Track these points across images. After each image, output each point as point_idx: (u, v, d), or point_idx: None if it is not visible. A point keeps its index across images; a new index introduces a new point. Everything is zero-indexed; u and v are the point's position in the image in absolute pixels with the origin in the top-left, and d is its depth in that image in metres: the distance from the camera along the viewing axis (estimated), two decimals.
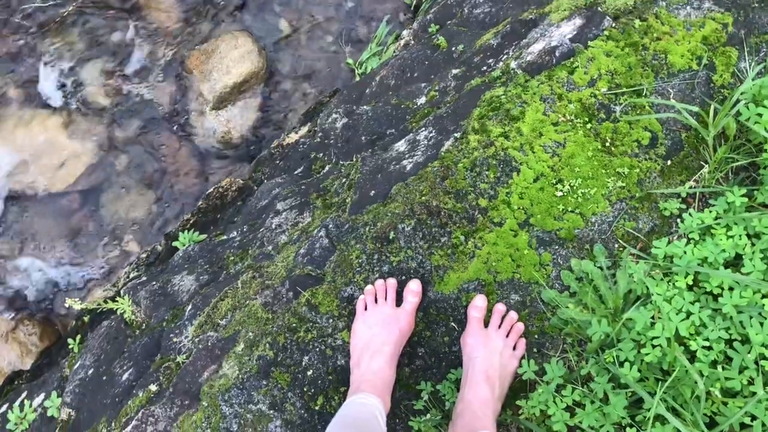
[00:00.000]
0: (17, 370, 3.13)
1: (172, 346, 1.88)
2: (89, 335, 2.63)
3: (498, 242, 1.73)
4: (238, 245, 2.29)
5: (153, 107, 3.49)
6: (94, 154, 3.42)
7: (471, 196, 1.77)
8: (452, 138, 1.89)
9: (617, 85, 1.84)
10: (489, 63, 2.20)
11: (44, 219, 3.38)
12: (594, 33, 1.91)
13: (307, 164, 2.74)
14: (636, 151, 1.80)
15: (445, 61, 2.46)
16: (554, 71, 1.89)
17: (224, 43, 3.47)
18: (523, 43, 2.13)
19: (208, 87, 3.40)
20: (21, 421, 2.33)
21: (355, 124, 2.54)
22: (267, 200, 2.57)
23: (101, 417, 1.93)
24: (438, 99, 2.25)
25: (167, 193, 3.46)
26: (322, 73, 3.59)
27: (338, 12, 3.61)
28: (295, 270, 1.84)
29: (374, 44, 3.44)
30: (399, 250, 1.75)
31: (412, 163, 1.91)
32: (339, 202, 2.05)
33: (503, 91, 1.92)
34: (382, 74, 2.71)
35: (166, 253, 3.15)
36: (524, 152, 1.80)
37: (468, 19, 2.61)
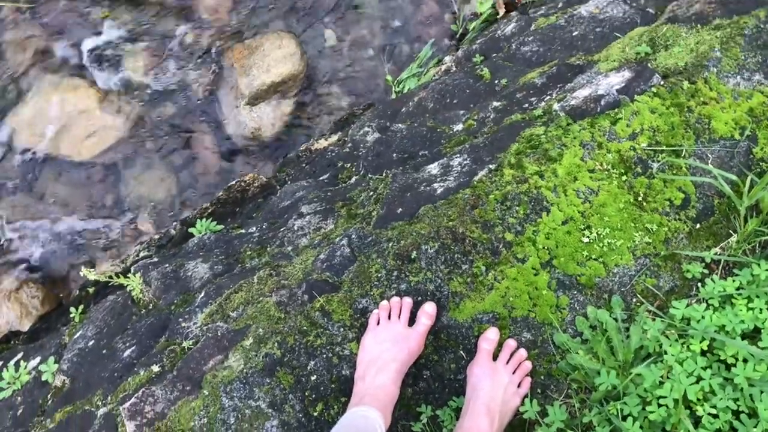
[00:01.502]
0: (14, 330, 3.14)
1: (180, 331, 1.89)
2: (93, 307, 2.64)
3: (518, 278, 1.74)
4: (256, 241, 2.30)
5: (189, 93, 3.52)
6: (124, 130, 3.45)
7: (498, 228, 1.78)
8: (487, 169, 1.90)
9: (657, 143, 1.86)
10: (531, 101, 2.22)
11: (64, 185, 3.41)
12: (641, 88, 1.93)
13: (334, 172, 2.76)
14: (667, 210, 1.81)
15: (486, 92, 2.49)
16: (597, 119, 1.90)
17: (269, 42, 3.51)
18: (568, 87, 2.15)
19: (246, 82, 3.44)
20: (15, 381, 2.33)
21: (387, 140, 2.56)
22: (290, 201, 2.58)
23: (97, 389, 1.93)
24: (475, 128, 2.27)
25: (188, 179, 3.48)
26: (358, 85, 3.62)
27: (384, 29, 3.65)
28: (313, 274, 1.85)
29: (415, 65, 3.48)
30: (419, 270, 1.75)
31: (443, 187, 1.92)
32: (364, 214, 2.06)
33: (544, 130, 1.94)
34: (421, 96, 2.73)
35: (179, 238, 3.17)
36: (557, 194, 1.81)
37: (514, 55, 2.63)
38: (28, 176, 3.40)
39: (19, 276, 3.32)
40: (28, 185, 3.39)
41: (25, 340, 2.99)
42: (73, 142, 3.42)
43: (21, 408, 2.22)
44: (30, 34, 3.50)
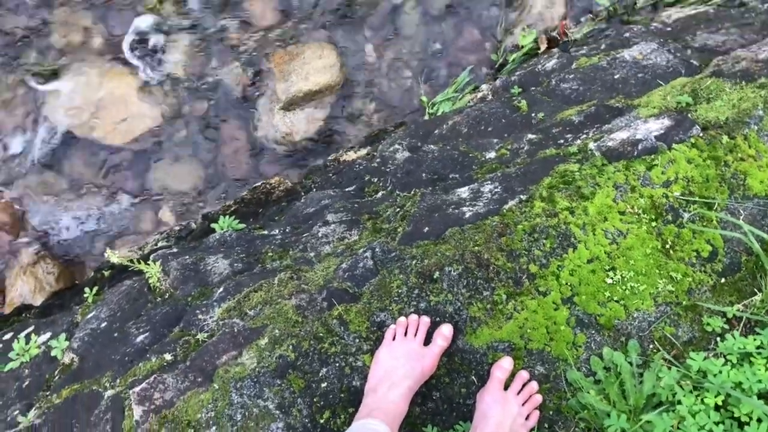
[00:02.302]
0: (27, 303, 3.16)
1: (196, 323, 1.90)
2: (107, 290, 2.66)
3: (538, 311, 1.74)
4: (278, 243, 2.32)
5: (226, 91, 3.56)
6: (158, 120, 3.49)
7: (523, 259, 1.78)
8: (517, 198, 1.91)
9: (691, 193, 1.86)
10: (567, 138, 2.23)
11: (91, 166, 3.45)
12: (680, 137, 1.94)
13: (360, 185, 2.78)
14: (693, 261, 1.81)
15: (522, 124, 2.50)
16: (633, 163, 1.91)
17: (310, 50, 3.55)
18: (606, 128, 2.16)
19: (283, 87, 3.48)
20: (24, 353, 2.35)
21: (418, 159, 2.58)
22: (315, 208, 2.60)
23: (106, 370, 1.94)
24: (508, 158, 2.28)
25: (215, 175, 3.51)
26: (392, 103, 3.65)
27: (424, 51, 3.68)
28: (334, 282, 1.86)
29: (451, 89, 3.50)
30: (440, 291, 1.76)
31: (471, 212, 1.93)
32: (389, 229, 2.07)
33: (578, 168, 1.95)
34: (456, 120, 2.75)
35: (199, 232, 3.19)
36: (585, 231, 1.81)
37: (553, 91, 2.65)
38: (58, 153, 3.44)
39: (37, 251, 3.35)
40: (56, 162, 3.44)
41: (36, 314, 3.01)
42: (106, 126, 3.47)
43: (27, 380, 2.23)
44: (78, 16, 3.56)
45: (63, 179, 3.44)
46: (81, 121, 3.45)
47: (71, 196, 3.43)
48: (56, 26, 3.54)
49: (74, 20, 3.55)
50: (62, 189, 3.43)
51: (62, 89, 3.49)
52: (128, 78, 3.52)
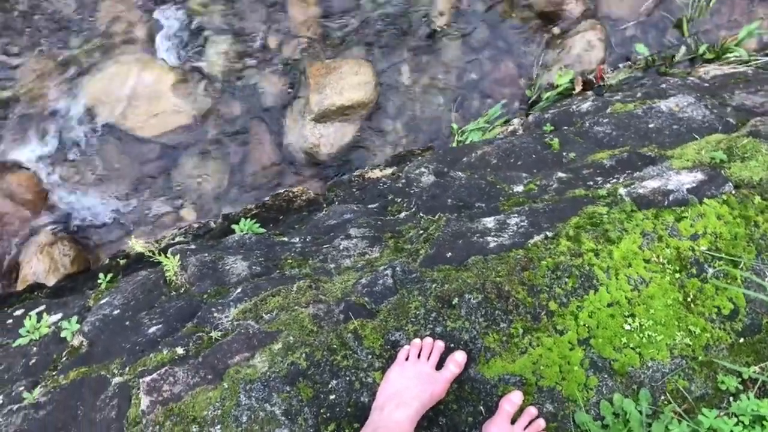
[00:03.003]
0: (39, 282, 3.18)
1: (211, 320, 1.91)
2: (122, 278, 2.68)
3: (553, 349, 1.73)
4: (298, 251, 2.33)
5: (260, 96, 3.60)
6: (189, 117, 3.53)
7: (544, 295, 1.78)
8: (543, 234, 1.91)
9: (717, 249, 1.86)
10: (597, 180, 2.23)
11: (120, 155, 3.49)
12: (711, 192, 1.94)
13: (383, 203, 2.79)
14: (713, 317, 1.80)
15: (553, 161, 2.51)
16: (662, 212, 1.91)
17: (348, 66, 3.59)
18: (637, 175, 2.17)
19: (317, 99, 3.51)
20: (34, 330, 2.36)
21: (444, 184, 2.59)
22: (337, 221, 2.61)
23: (116, 357, 1.95)
24: (536, 193, 2.29)
25: (239, 178, 3.54)
26: (422, 126, 3.68)
27: (459, 79, 3.71)
28: (352, 296, 1.86)
29: (482, 120, 3.52)
30: (457, 317, 1.76)
31: (496, 243, 1.93)
32: (411, 250, 2.07)
33: (607, 211, 1.95)
34: (486, 150, 2.77)
35: (218, 232, 3.21)
36: (608, 275, 1.81)
37: (586, 133, 2.66)
38: (88, 138, 3.48)
39: (55, 231, 3.38)
40: (85, 147, 3.48)
41: (48, 294, 3.03)
42: (139, 118, 3.51)
43: (35, 358, 2.24)
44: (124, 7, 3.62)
45: (89, 164, 3.47)
46: (115, 110, 3.50)
47: (96, 181, 3.46)
48: (102, 15, 3.60)
49: (120, 11, 3.61)
50: (87, 174, 3.47)
51: (101, 77, 3.54)
52: (166, 73, 3.57)
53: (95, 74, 3.54)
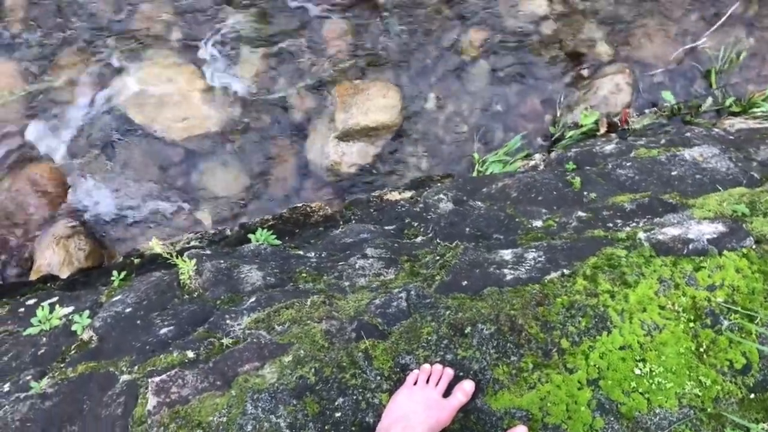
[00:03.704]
0: (52, 274, 3.21)
1: (223, 327, 1.92)
2: (136, 278, 2.70)
3: (561, 386, 1.73)
4: (314, 266, 2.34)
5: (287, 110, 3.64)
6: (216, 124, 3.57)
7: (556, 332, 1.78)
8: (560, 272, 1.92)
9: (734, 302, 1.85)
10: (617, 222, 2.24)
11: (143, 155, 3.53)
12: (732, 245, 1.94)
13: (400, 226, 2.81)
14: (725, 370, 1.79)
15: (573, 200, 2.52)
16: (681, 260, 1.91)
17: (375, 88, 3.63)
18: (657, 221, 2.17)
19: (342, 117, 3.54)
20: (46, 321, 2.38)
21: (463, 213, 2.60)
22: (353, 239, 2.63)
23: (125, 355, 1.96)
24: (554, 230, 2.30)
25: (258, 188, 3.57)
26: (443, 153, 3.70)
27: (484, 110, 3.74)
28: (365, 315, 1.87)
29: (503, 152, 3.55)
30: (469, 346, 1.76)
31: (513, 276, 1.94)
32: (427, 275, 2.08)
33: (625, 254, 1.95)
34: (507, 183, 2.78)
35: (234, 240, 3.24)
36: (622, 318, 1.81)
37: (608, 174, 2.68)
38: (114, 136, 3.52)
39: (73, 225, 3.41)
40: (110, 144, 3.52)
41: (60, 287, 3.05)
42: (166, 121, 3.55)
43: (44, 349, 2.25)
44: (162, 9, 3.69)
45: (113, 161, 3.51)
46: (143, 111, 3.55)
47: (117, 179, 3.50)
48: (140, 17, 3.67)
49: (158, 13, 3.68)
50: (109, 171, 3.51)
51: (132, 77, 3.60)
52: (196, 79, 3.63)
53: (128, 74, 3.59)
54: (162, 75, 3.62)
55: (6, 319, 2.59)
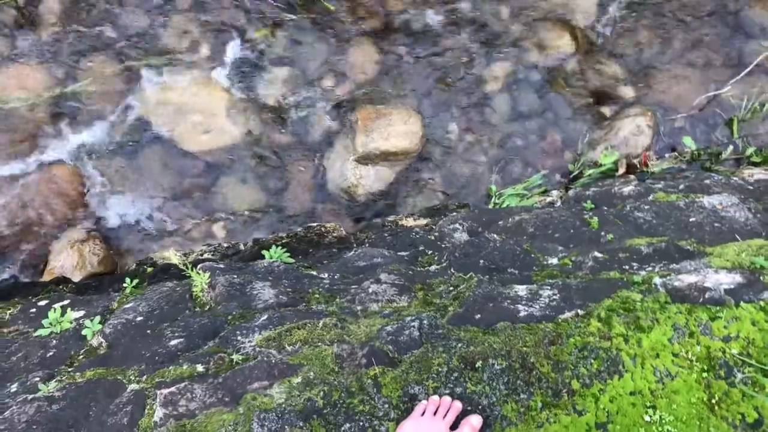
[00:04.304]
0: (65, 276, 3.22)
1: (234, 342, 1.92)
2: (148, 287, 2.70)
3: (569, 428, 1.71)
4: (326, 288, 2.35)
5: (308, 130, 3.67)
6: (237, 139, 3.61)
7: (568, 372, 1.77)
8: (575, 312, 1.91)
9: (749, 354, 1.84)
10: (633, 266, 2.24)
11: (163, 164, 3.56)
12: (749, 297, 1.93)
13: (415, 253, 2.81)
14: (736, 423, 1.77)
15: (590, 239, 2.52)
16: (696, 309, 1.90)
17: (398, 114, 3.65)
18: (674, 267, 2.16)
19: (362, 140, 3.57)
20: (57, 324, 2.39)
21: (478, 244, 2.60)
22: (366, 263, 2.63)
23: (134, 364, 1.96)
24: (570, 268, 2.29)
25: (274, 205, 3.59)
26: (461, 182, 3.71)
27: (504, 143, 3.75)
28: (376, 342, 1.86)
29: (521, 186, 3.55)
30: (479, 381, 1.75)
31: (526, 312, 1.93)
32: (440, 305, 2.08)
33: (640, 299, 1.95)
34: (524, 217, 2.78)
35: (247, 255, 3.25)
36: (635, 363, 1.80)
37: (626, 216, 2.67)
38: (137, 145, 3.56)
39: (88, 230, 3.44)
40: (133, 153, 3.55)
41: (72, 290, 3.06)
42: (188, 132, 3.59)
43: (53, 351, 2.26)
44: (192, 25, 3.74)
45: (133, 169, 3.54)
46: (167, 122, 3.58)
47: (135, 187, 3.53)
48: (171, 28, 3.72)
49: (188, 27, 3.73)
50: (129, 178, 3.53)
51: (158, 87, 3.64)
52: (221, 94, 3.67)
53: (155, 84, 3.63)
54: (188, 87, 3.66)
55: (17, 319, 2.61)
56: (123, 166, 3.54)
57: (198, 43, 3.73)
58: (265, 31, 3.79)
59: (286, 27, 3.78)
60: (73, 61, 3.59)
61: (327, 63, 3.77)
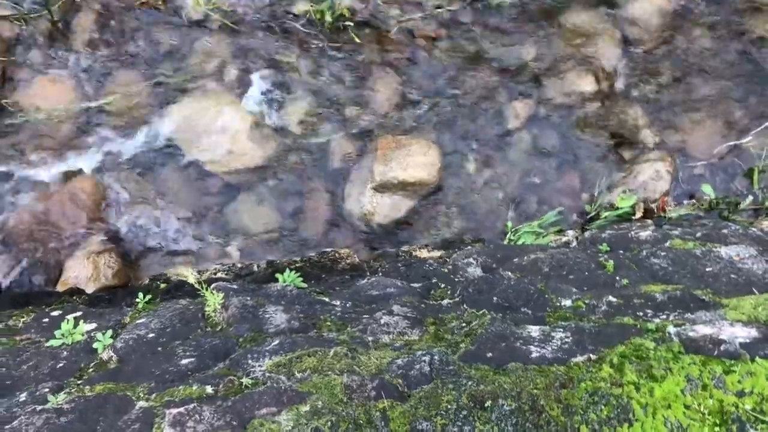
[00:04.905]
0: (79, 287, 3.25)
1: (244, 365, 1.92)
2: (161, 303, 2.72)
3: None
4: (338, 315, 2.35)
5: (328, 156, 3.71)
6: (257, 162, 3.64)
7: (577, 417, 1.76)
8: (587, 356, 1.90)
9: (762, 411, 1.81)
10: (647, 312, 2.23)
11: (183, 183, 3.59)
12: (765, 352, 1.91)
13: (428, 285, 2.81)
14: None
15: (605, 283, 2.51)
16: (710, 361, 1.89)
17: (417, 145, 3.68)
18: (688, 317, 2.15)
19: (381, 169, 3.59)
20: (69, 335, 2.41)
21: (492, 281, 2.60)
22: (379, 292, 2.64)
23: (143, 381, 1.96)
24: (583, 311, 2.29)
25: (290, 228, 3.60)
26: (476, 217, 3.72)
27: (522, 179, 3.77)
28: (386, 374, 1.86)
29: (536, 224, 3.55)
30: (487, 420, 1.74)
31: (538, 354, 1.93)
32: (452, 341, 2.08)
33: (654, 347, 1.93)
34: (539, 257, 2.78)
35: (261, 276, 3.26)
36: (646, 412, 1.78)
37: (642, 262, 2.67)
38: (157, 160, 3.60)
39: (105, 242, 3.47)
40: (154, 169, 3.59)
41: (85, 301, 3.09)
42: (210, 152, 3.63)
43: (63, 362, 2.27)
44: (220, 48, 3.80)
45: (152, 185, 3.58)
46: (190, 140, 3.63)
47: (154, 202, 3.56)
48: (199, 49, 3.78)
49: (216, 51, 3.79)
50: (147, 193, 3.57)
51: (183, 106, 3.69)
52: (245, 116, 3.71)
53: (180, 103, 3.69)
54: (211, 108, 3.70)
55: (30, 327, 2.63)
56: (143, 182, 3.58)
57: (225, 65, 3.78)
58: (292, 57, 3.84)
59: (312, 54, 3.83)
60: (101, 76, 3.66)
61: (350, 91, 3.81)
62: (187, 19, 3.76)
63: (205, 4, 3.72)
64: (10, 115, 3.51)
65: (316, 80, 3.80)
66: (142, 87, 3.68)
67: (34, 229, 3.35)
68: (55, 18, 3.59)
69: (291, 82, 3.79)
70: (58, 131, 3.58)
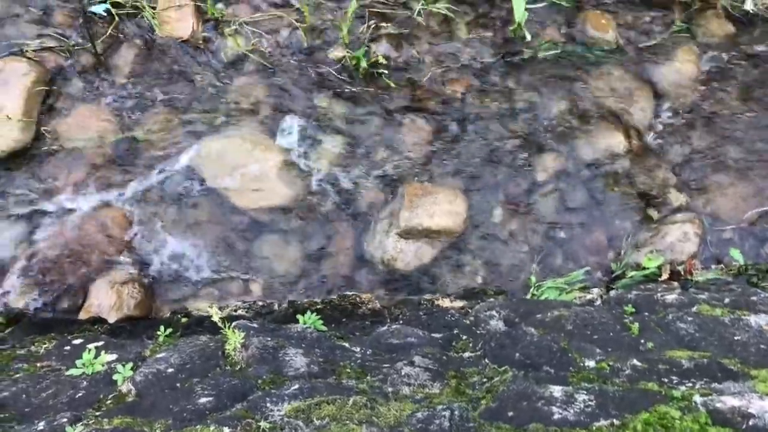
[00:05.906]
0: (101, 316, 3.27)
1: (262, 408, 1.91)
2: (182, 339, 2.72)
3: None
4: (358, 363, 2.34)
5: (354, 199, 3.73)
6: (286, 201, 3.67)
7: None
8: (610, 421, 1.87)
9: None
10: (672, 379, 2.18)
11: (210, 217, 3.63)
12: None
13: (449, 336, 2.79)
14: None
15: (629, 345, 2.47)
16: None
17: (444, 193, 3.69)
18: (715, 387, 2.11)
19: (406, 215, 3.59)
20: (89, 365, 2.42)
21: (515, 337, 2.58)
22: (400, 341, 2.62)
23: (161, 418, 1.96)
24: (607, 374, 2.25)
25: (313, 269, 3.61)
26: (500, 269, 3.70)
27: (547, 234, 3.75)
28: (405, 428, 1.84)
29: (562, 280, 3.52)
30: None
31: (560, 416, 1.89)
32: (473, 397, 2.05)
33: (679, 416, 1.89)
34: (563, 314, 2.75)
35: (281, 316, 3.26)
36: None
37: (668, 326, 2.62)
38: (187, 194, 3.65)
39: (130, 272, 3.50)
40: (182, 201, 3.64)
41: (106, 331, 3.10)
42: (239, 188, 3.67)
43: (82, 392, 2.28)
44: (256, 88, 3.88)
45: (180, 218, 3.62)
46: (219, 176, 3.67)
47: (180, 235, 3.60)
48: (234, 89, 3.86)
49: (251, 90, 3.86)
50: (175, 226, 3.61)
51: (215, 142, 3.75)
52: (275, 155, 3.76)
53: (212, 139, 3.75)
54: (243, 145, 3.76)
55: (51, 354, 2.65)
56: (171, 214, 3.62)
57: (259, 105, 3.85)
58: (325, 101, 3.90)
59: (345, 98, 3.89)
60: (138, 109, 3.74)
61: (380, 137, 3.85)
62: (226, 58, 3.85)
63: (245, 45, 3.81)
64: (46, 143, 3.60)
65: (348, 124, 3.84)
66: (177, 121, 3.76)
67: (62, 258, 3.39)
68: (98, 51, 3.69)
69: (323, 124, 3.84)
70: (91, 160, 3.65)
